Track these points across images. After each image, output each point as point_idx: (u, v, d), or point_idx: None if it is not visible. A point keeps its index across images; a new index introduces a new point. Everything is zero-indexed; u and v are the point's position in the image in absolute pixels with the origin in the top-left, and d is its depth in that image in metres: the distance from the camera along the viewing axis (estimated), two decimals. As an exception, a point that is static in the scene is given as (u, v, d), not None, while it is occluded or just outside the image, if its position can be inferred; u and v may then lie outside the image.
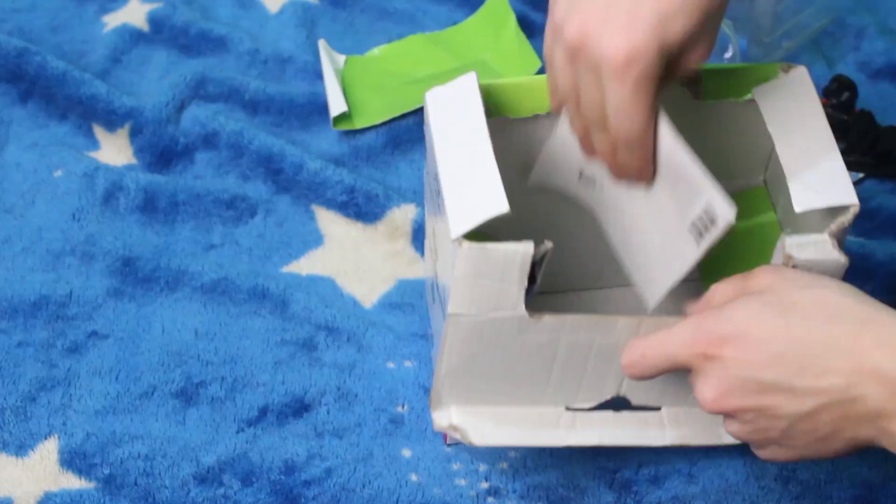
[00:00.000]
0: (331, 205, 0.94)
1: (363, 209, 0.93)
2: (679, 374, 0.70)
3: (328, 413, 0.79)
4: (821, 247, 0.65)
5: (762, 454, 0.63)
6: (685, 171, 0.63)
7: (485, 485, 0.76)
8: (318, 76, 1.06)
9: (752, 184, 0.80)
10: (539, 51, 1.08)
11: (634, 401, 0.72)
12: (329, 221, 0.93)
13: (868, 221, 0.93)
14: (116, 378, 0.81)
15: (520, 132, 0.75)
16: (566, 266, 0.82)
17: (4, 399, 0.79)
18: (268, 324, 0.85)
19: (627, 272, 0.72)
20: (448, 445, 0.78)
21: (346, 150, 0.99)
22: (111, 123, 1.00)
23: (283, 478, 0.75)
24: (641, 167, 0.64)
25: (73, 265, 0.88)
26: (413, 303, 0.87)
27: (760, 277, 0.61)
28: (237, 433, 0.78)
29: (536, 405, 0.71)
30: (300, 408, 0.80)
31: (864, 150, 0.96)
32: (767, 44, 1.04)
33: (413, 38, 1.11)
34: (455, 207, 0.65)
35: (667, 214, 0.65)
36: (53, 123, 1.01)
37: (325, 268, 0.90)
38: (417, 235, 0.92)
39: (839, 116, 0.97)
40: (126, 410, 0.79)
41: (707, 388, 0.59)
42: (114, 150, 0.99)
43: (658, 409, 0.72)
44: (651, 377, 0.63)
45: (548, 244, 0.65)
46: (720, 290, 0.63)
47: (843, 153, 0.58)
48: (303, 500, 0.74)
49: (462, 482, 0.76)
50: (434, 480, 0.76)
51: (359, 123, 1.01)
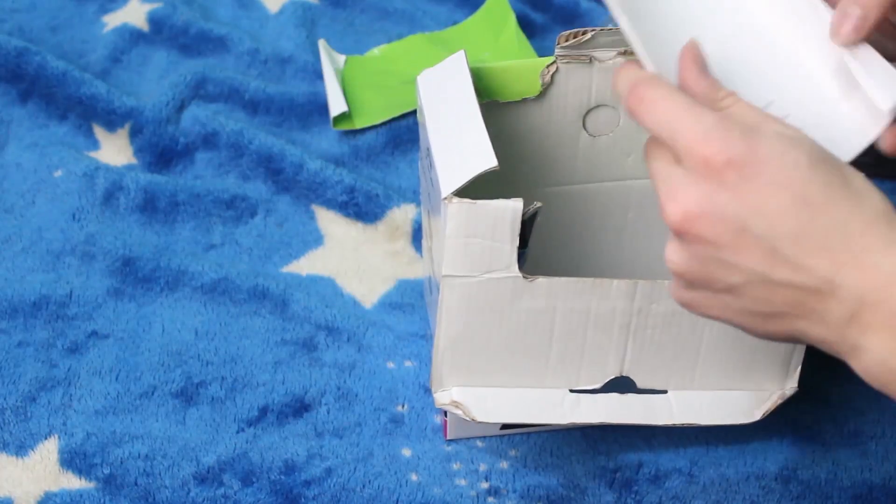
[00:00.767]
0: (331, 205, 0.94)
1: (363, 209, 0.93)
2: (687, 359, 0.70)
3: (328, 413, 0.79)
4: None
5: (683, 295, 0.55)
6: None
7: (485, 485, 0.76)
8: (318, 76, 1.06)
9: None
10: (539, 50, 1.08)
11: (640, 382, 0.71)
12: (329, 221, 0.93)
13: (868, 221, 0.93)
14: (116, 378, 0.81)
15: (509, 116, 0.75)
16: (560, 260, 0.82)
17: (4, 399, 0.79)
18: (268, 324, 0.85)
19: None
20: (448, 444, 0.78)
21: (346, 150, 0.99)
22: (111, 123, 1.00)
23: (283, 478, 0.75)
24: None
25: (73, 265, 0.88)
26: (413, 303, 0.87)
27: (789, 128, 0.53)
28: (237, 433, 0.78)
29: (539, 387, 0.71)
30: (300, 408, 0.80)
31: (864, 150, 0.96)
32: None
33: (413, 38, 1.11)
34: (445, 169, 0.65)
35: None
36: (53, 123, 1.01)
37: (325, 268, 0.90)
38: (417, 235, 0.92)
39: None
40: (126, 410, 0.79)
41: (686, 197, 0.51)
42: (114, 150, 0.99)
43: (664, 393, 0.72)
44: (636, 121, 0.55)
45: (537, 203, 0.65)
46: (746, 107, 0.54)
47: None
48: (303, 500, 0.74)
49: (462, 482, 0.76)
50: (434, 480, 0.76)
51: (359, 123, 1.01)
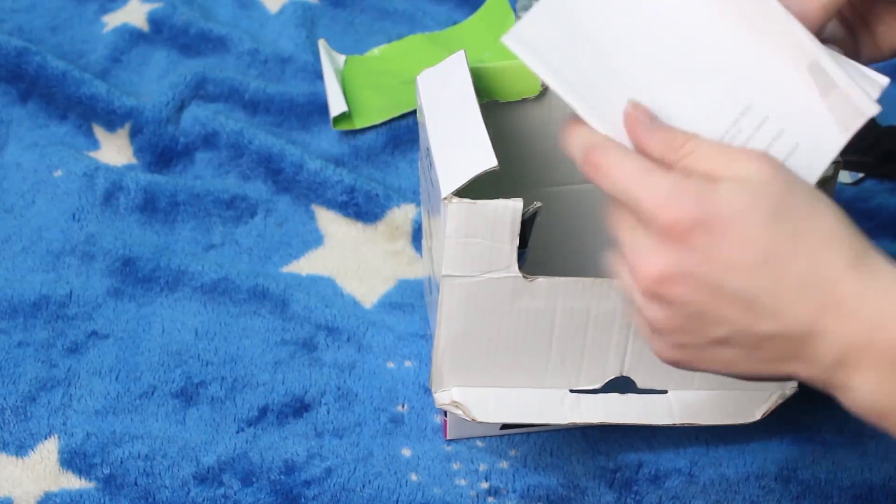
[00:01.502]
0: (331, 205, 0.94)
1: (363, 209, 0.93)
2: None
3: (328, 413, 0.79)
4: None
5: (669, 354, 0.54)
6: None
7: (485, 485, 0.76)
8: (318, 76, 1.06)
9: None
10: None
11: (640, 382, 0.71)
12: (329, 221, 0.93)
13: (868, 221, 0.93)
14: (116, 378, 0.81)
15: (509, 116, 0.75)
16: (560, 260, 0.82)
17: (4, 399, 0.79)
18: (268, 324, 0.85)
19: None
20: (448, 444, 0.78)
21: (346, 150, 0.99)
22: (111, 123, 1.00)
23: (283, 478, 0.75)
24: None
25: (73, 265, 0.88)
26: (413, 303, 0.87)
27: (759, 162, 0.52)
28: (237, 433, 0.78)
29: (539, 387, 0.71)
30: (300, 408, 0.80)
31: (864, 150, 0.96)
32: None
33: (413, 38, 1.11)
34: (445, 169, 0.65)
35: None
36: (53, 123, 1.01)
37: (325, 268, 0.90)
38: (417, 235, 0.92)
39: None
40: (126, 410, 0.79)
41: (657, 261, 0.51)
42: (114, 150, 0.99)
43: (664, 393, 0.72)
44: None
45: (537, 203, 0.65)
46: (706, 151, 0.53)
47: (843, 153, 0.58)
48: (303, 500, 0.74)
49: (462, 482, 0.76)
50: (434, 480, 0.76)
51: (359, 123, 1.01)
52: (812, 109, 0.57)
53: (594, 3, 0.57)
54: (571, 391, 0.71)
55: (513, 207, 0.64)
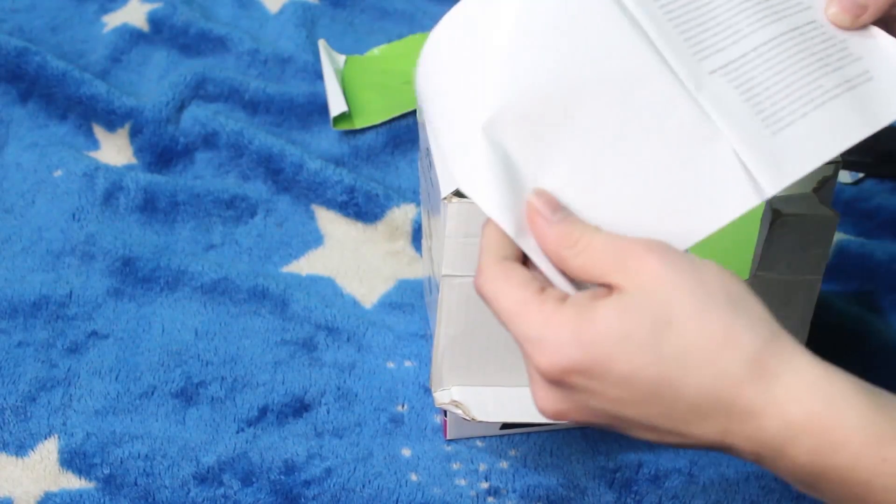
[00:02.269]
0: (331, 205, 0.94)
1: (363, 209, 0.93)
2: None
3: (328, 413, 0.79)
4: (807, 201, 0.65)
5: (553, 406, 0.52)
6: None
7: (485, 485, 0.76)
8: (318, 76, 1.06)
9: None
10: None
11: None
12: (329, 221, 0.93)
13: (868, 221, 0.93)
14: (116, 378, 0.81)
15: None
16: None
17: (4, 399, 0.79)
18: (268, 324, 0.85)
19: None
20: (448, 444, 0.78)
21: (346, 150, 0.99)
22: (111, 123, 1.00)
23: (283, 478, 0.75)
24: None
25: (73, 265, 0.88)
26: (413, 303, 0.87)
27: (648, 262, 0.48)
28: (237, 433, 0.78)
29: None
30: (300, 408, 0.80)
31: (864, 150, 0.96)
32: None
33: (413, 38, 1.11)
34: (445, 169, 0.65)
35: None
36: (53, 123, 1.01)
37: (325, 268, 0.90)
38: (417, 235, 0.92)
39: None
40: (126, 410, 0.79)
41: (550, 402, 0.50)
42: (114, 150, 0.99)
43: None
44: None
45: None
46: (598, 251, 0.49)
47: (843, 153, 0.58)
48: (303, 500, 0.74)
49: (462, 482, 0.76)
50: (434, 480, 0.76)
51: (359, 123, 1.01)
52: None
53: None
54: None
55: None
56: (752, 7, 0.54)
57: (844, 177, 0.97)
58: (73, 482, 0.75)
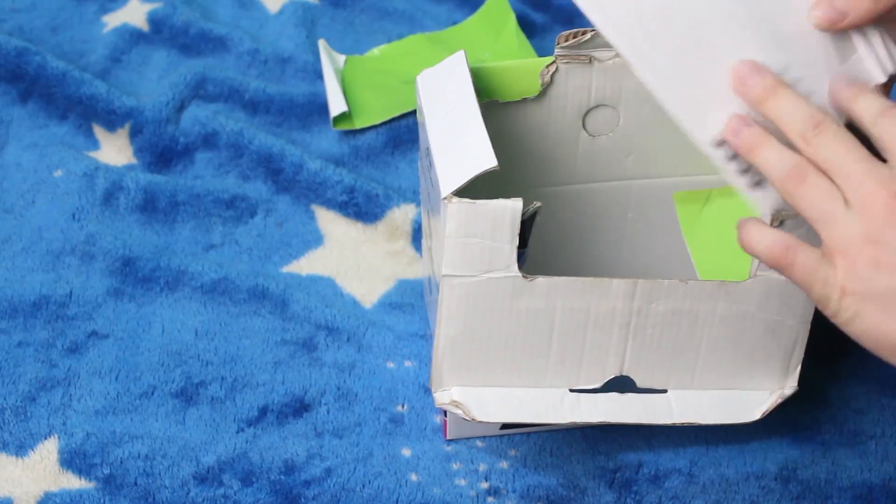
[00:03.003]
0: (331, 205, 0.94)
1: (363, 209, 0.93)
2: (687, 358, 0.70)
3: (328, 413, 0.79)
4: None
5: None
6: None
7: (485, 485, 0.76)
8: (318, 76, 1.06)
9: None
10: (539, 50, 1.08)
11: (640, 382, 0.71)
12: (329, 221, 0.93)
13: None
14: (116, 378, 0.81)
15: (509, 116, 0.75)
16: (560, 260, 0.83)
17: (4, 399, 0.79)
18: (268, 324, 0.85)
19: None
20: (448, 444, 0.78)
21: (346, 150, 0.99)
22: (111, 123, 1.00)
23: (283, 478, 0.75)
24: None
25: (73, 265, 0.88)
26: (413, 303, 0.87)
27: None
28: (237, 433, 0.78)
29: (539, 386, 0.71)
30: (300, 408, 0.80)
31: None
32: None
33: (413, 38, 1.11)
34: (445, 169, 0.65)
35: None
36: (53, 123, 1.01)
37: (325, 268, 0.90)
38: (417, 235, 0.92)
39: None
40: (126, 410, 0.79)
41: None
42: (114, 150, 0.99)
43: (664, 392, 0.72)
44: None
45: (537, 203, 0.65)
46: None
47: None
48: (303, 500, 0.74)
49: (462, 482, 0.76)
50: (434, 480, 0.76)
51: (359, 123, 1.01)
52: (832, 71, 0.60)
53: None
54: (571, 391, 0.71)
55: (513, 208, 0.64)
56: None
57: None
58: (73, 482, 0.75)
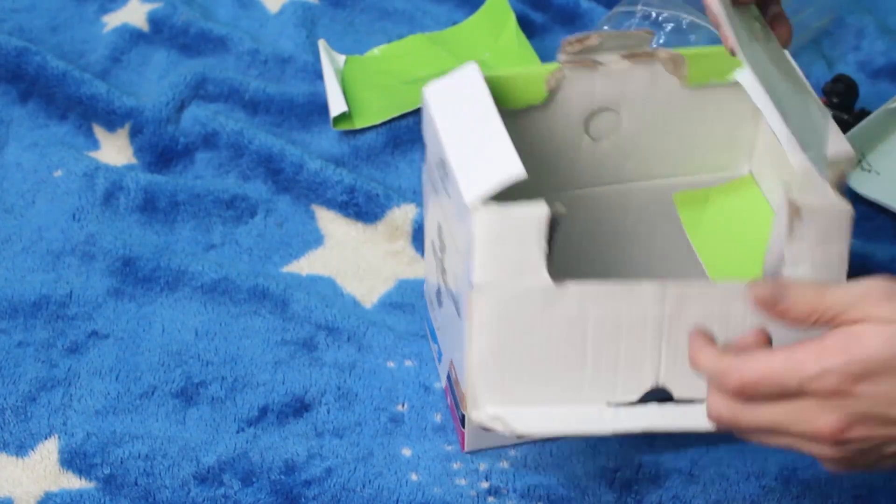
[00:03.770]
0: (331, 205, 0.94)
1: (363, 209, 0.93)
2: None
3: (328, 413, 0.79)
4: (822, 193, 0.65)
5: (835, 469, 0.60)
6: None
7: (485, 484, 0.76)
8: (318, 76, 1.06)
9: (738, 174, 0.80)
10: (539, 50, 1.08)
11: (677, 393, 0.70)
12: (329, 221, 0.93)
13: (868, 222, 0.93)
14: (116, 378, 0.81)
15: (513, 121, 0.75)
16: (561, 263, 0.82)
17: (4, 399, 0.79)
18: (268, 324, 0.85)
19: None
20: (448, 444, 0.78)
21: (346, 150, 0.99)
22: (111, 123, 1.00)
23: (283, 478, 0.75)
24: None
25: (73, 265, 0.88)
26: (413, 303, 0.87)
27: (872, 296, 0.55)
28: (237, 433, 0.78)
29: (576, 402, 0.69)
30: (300, 407, 0.80)
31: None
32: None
33: (413, 38, 1.11)
34: (467, 178, 0.64)
35: None
36: (53, 123, 1.01)
37: (326, 268, 0.90)
38: (417, 235, 0.92)
39: (840, 116, 0.97)
40: (126, 410, 0.79)
41: (831, 421, 0.55)
42: (114, 150, 0.99)
43: (703, 402, 0.71)
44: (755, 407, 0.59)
45: (561, 208, 0.64)
46: (833, 303, 0.56)
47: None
48: (303, 500, 0.74)
49: (462, 482, 0.76)
50: (434, 480, 0.76)
51: (359, 123, 1.01)
52: None
53: None
54: (609, 404, 0.70)
55: (538, 214, 0.63)
56: None
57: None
58: (74, 482, 0.75)
